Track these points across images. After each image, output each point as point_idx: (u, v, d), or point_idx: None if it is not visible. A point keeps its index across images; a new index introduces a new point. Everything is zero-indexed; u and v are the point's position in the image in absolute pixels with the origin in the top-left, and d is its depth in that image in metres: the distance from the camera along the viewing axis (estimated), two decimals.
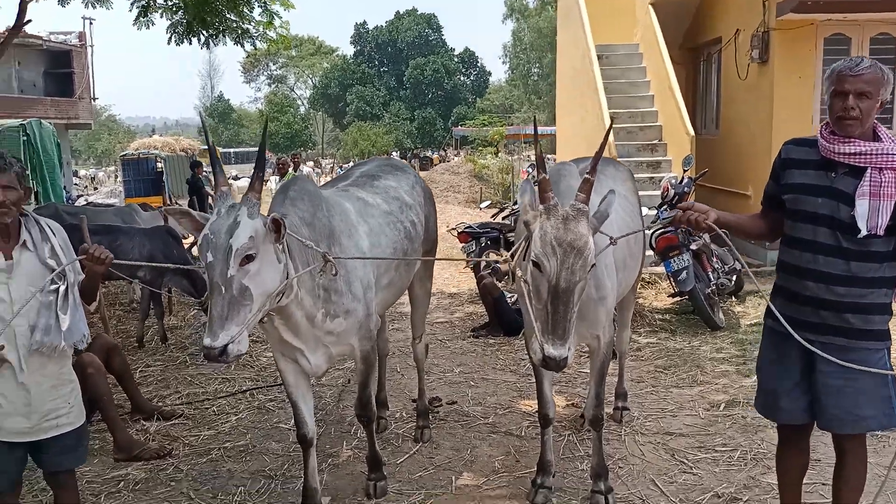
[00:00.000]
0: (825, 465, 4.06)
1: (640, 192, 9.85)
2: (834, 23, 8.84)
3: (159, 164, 21.58)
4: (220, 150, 49.63)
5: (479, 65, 64.32)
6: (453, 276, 10.86)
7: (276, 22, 11.94)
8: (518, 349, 6.94)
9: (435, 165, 36.01)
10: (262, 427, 5.19)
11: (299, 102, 73.12)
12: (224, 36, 11.84)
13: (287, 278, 3.16)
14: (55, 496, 3.27)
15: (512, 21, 61.37)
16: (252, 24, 12.15)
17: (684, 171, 8.12)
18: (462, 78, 63.08)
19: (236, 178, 33.50)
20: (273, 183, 29.06)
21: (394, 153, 48.94)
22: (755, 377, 5.60)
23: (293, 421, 3.76)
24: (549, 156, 41.77)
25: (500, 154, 26.36)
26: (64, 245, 3.15)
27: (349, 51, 64.87)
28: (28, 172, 3.42)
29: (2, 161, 2.98)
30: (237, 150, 55.84)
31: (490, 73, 65.52)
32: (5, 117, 15.42)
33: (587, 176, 3.18)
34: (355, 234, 3.76)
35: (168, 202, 16.66)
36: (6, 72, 25.13)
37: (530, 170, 8.36)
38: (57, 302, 3.02)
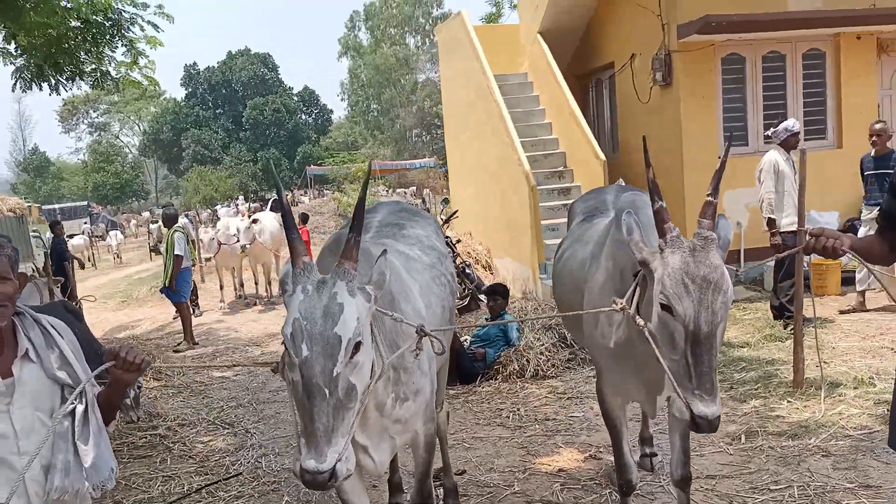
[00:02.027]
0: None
1: (558, 220, 9.81)
2: (730, 43, 9.18)
3: None
4: (43, 206, 45.61)
5: (319, 103, 63.49)
6: None
7: (142, 61, 10.93)
8: (485, 398, 6.45)
9: (255, 219, 33.43)
10: None
11: (127, 150, 68.93)
12: (80, 79, 10.67)
13: (383, 364, 2.53)
14: None
15: (348, 59, 61.34)
16: (113, 64, 11.06)
17: None
18: (304, 117, 61.94)
19: (70, 236, 30.73)
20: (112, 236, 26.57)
21: (240, 197, 46.98)
22: (752, 402, 5.56)
23: None
24: (401, 190, 41.67)
25: (382, 188, 25.83)
26: (74, 349, 2.36)
27: (179, 93, 61.99)
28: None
29: None
30: (62, 205, 51.65)
31: (332, 111, 64.94)
32: None
33: (709, 198, 2.80)
34: (411, 295, 3.16)
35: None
36: None
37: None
38: (74, 429, 2.23)
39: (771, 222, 7.13)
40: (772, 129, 7.29)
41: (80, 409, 2.25)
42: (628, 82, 10.28)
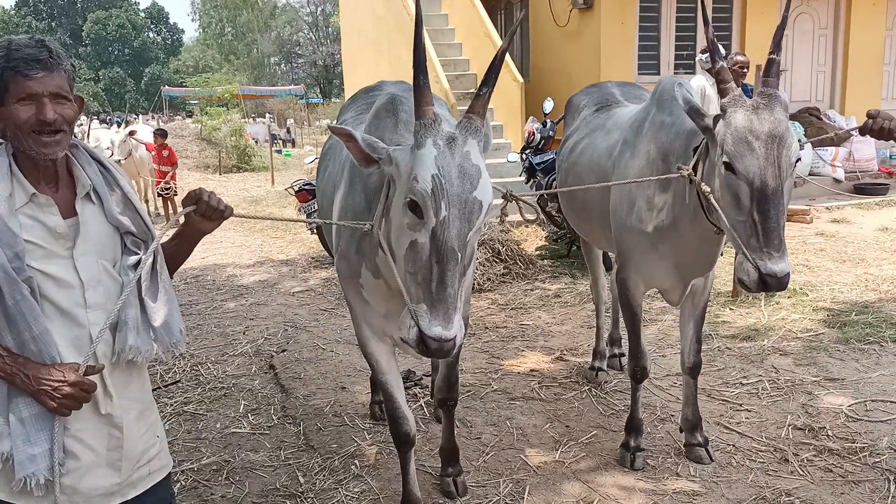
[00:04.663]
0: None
1: None
2: None
3: None
4: None
5: (169, 22, 59.22)
6: (279, 243, 9.74)
7: None
8: None
9: (132, 130, 30.48)
10: (220, 430, 4.01)
11: None
12: None
13: None
14: None
15: None
16: None
17: (545, 114, 7.98)
18: (151, 35, 57.65)
19: None
20: None
21: (82, 118, 43.27)
22: None
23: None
24: (260, 119, 39.70)
25: (235, 115, 24.36)
26: (134, 192, 1.99)
27: (8, 2, 55.79)
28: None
29: (45, 51, 1.75)
30: None
31: (183, 31, 60.93)
32: None
33: (772, 56, 2.72)
34: None
35: None
36: None
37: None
38: (141, 283, 1.88)
39: None
40: (703, 55, 7.42)
41: (148, 261, 1.89)
42: (544, 5, 10.19)
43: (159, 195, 12.00)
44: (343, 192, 2.74)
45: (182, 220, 2.01)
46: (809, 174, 9.32)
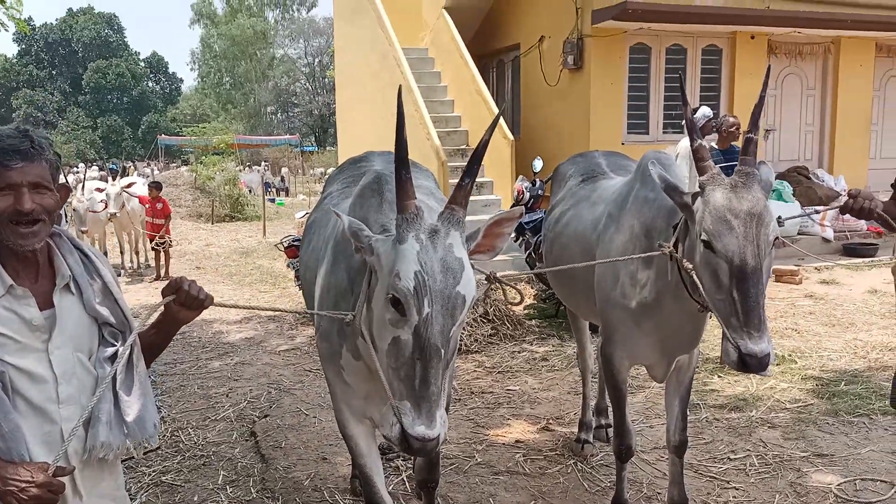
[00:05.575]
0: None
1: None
2: (640, 33, 9.44)
3: None
4: None
5: (168, 71, 59.98)
6: (267, 297, 9.67)
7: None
8: None
9: (130, 182, 30.40)
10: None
11: None
12: None
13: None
14: None
15: (200, 27, 58.35)
16: None
17: (534, 173, 8.04)
18: (150, 84, 58.31)
19: None
20: None
21: (80, 165, 43.43)
22: None
23: None
24: (255, 167, 40.00)
25: (229, 164, 24.50)
26: (115, 281, 1.97)
27: (10, 50, 56.60)
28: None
29: (26, 141, 1.76)
30: None
31: (182, 81, 61.59)
32: None
33: (749, 135, 2.74)
34: None
35: None
36: None
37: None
38: (116, 376, 1.85)
39: None
40: (693, 115, 7.51)
41: (126, 353, 1.86)
42: (535, 64, 10.34)
43: (153, 249, 11.98)
44: (326, 269, 2.71)
45: (161, 308, 1.99)
46: (799, 233, 9.35)
